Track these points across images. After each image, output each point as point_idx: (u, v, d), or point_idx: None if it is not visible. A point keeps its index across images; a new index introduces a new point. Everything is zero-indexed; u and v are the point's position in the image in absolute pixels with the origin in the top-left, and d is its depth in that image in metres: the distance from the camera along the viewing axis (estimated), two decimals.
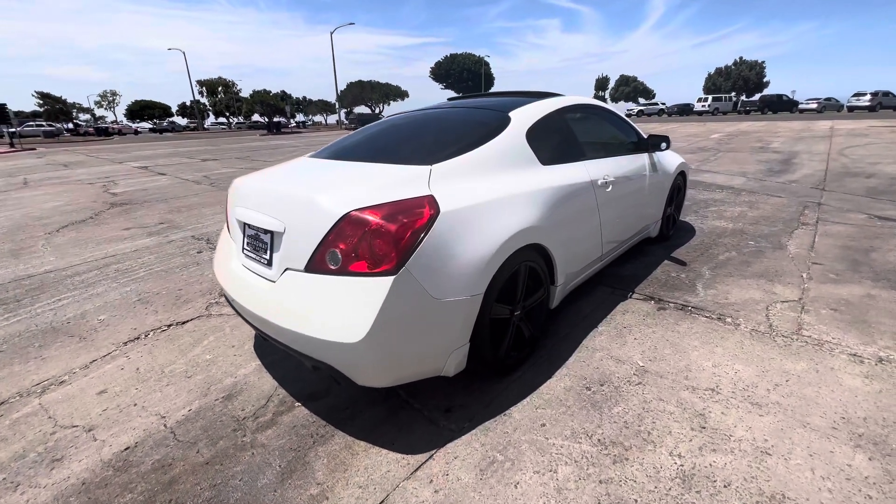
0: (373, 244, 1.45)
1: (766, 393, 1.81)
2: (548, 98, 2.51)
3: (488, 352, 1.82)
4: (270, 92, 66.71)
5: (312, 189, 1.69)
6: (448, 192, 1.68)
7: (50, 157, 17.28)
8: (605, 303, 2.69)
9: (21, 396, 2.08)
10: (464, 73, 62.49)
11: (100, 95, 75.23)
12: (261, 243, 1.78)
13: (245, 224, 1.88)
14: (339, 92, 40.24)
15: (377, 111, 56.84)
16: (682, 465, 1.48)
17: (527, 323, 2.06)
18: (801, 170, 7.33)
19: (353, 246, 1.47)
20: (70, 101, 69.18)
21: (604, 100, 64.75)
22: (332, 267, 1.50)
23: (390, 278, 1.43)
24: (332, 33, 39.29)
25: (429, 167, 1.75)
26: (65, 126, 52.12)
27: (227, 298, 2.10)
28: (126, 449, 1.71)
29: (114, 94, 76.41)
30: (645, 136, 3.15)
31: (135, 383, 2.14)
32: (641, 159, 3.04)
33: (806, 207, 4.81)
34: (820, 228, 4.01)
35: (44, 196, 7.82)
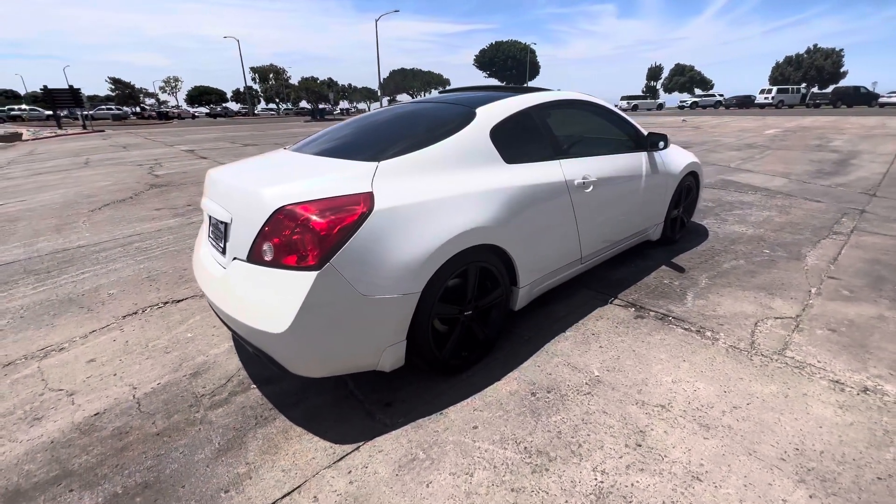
0: (301, 239, 1.49)
1: (719, 415, 1.70)
2: (529, 93, 2.43)
3: (430, 351, 1.83)
4: (318, 79, 68.56)
5: (259, 183, 1.75)
6: (392, 189, 1.69)
7: (114, 139, 18.74)
8: (583, 307, 2.61)
9: (26, 359, 2.33)
10: (508, 60, 61.21)
11: (164, 81, 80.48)
12: (219, 232, 1.87)
13: (209, 214, 1.98)
14: (381, 80, 40.69)
15: (418, 99, 56.89)
16: (601, 482, 1.43)
17: (480, 324, 2.05)
18: (855, 172, 6.66)
19: (284, 239, 1.52)
20: (138, 86, 74.47)
21: (654, 90, 61.35)
22: (267, 259, 1.56)
23: (314, 273, 1.47)
24: (376, 21, 39.64)
25: (376, 164, 1.76)
26: (132, 110, 56.23)
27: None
28: (95, 414, 1.88)
29: (176, 80, 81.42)
30: (644, 134, 2.98)
31: (121, 354, 2.33)
32: (636, 158, 2.88)
33: (845, 215, 4.38)
34: (852, 239, 3.65)
35: (97, 176, 8.53)
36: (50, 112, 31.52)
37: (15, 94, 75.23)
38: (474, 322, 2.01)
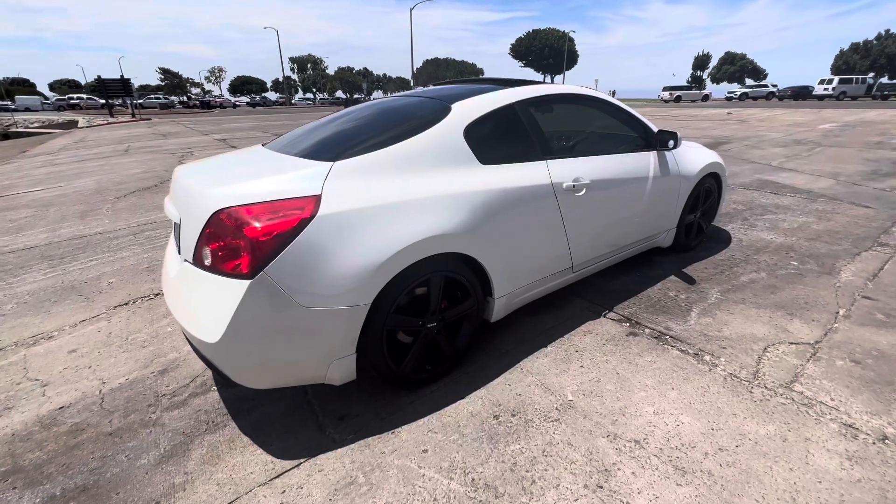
0: (236, 244, 1.40)
1: (700, 457, 1.50)
2: (518, 87, 2.23)
3: (386, 365, 1.72)
4: (353, 69, 69.28)
5: (207, 183, 1.67)
6: (344, 191, 1.57)
7: (157, 128, 19.64)
8: (572, 319, 2.42)
9: (15, 346, 2.40)
10: (545, 49, 59.43)
11: (209, 71, 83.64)
12: (176, 232, 1.82)
13: (167, 212, 1.94)
14: (414, 70, 40.55)
15: None
16: None
17: (448, 337, 1.91)
18: None
19: (220, 244, 1.44)
20: (185, 76, 77.88)
21: (700, 80, 57.91)
22: (207, 263, 1.49)
23: (246, 282, 1.38)
24: (411, 10, 39.36)
25: (330, 164, 1.64)
26: (178, 99, 58.88)
27: None
28: (60, 408, 1.90)
29: (220, 70, 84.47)
30: (654, 132, 2.71)
31: (101, 346, 2.36)
32: (642, 158, 2.62)
33: None
34: None
35: (132, 163, 8.92)
36: (104, 101, 33.46)
37: (76, 84, 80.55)
38: (441, 335, 1.87)
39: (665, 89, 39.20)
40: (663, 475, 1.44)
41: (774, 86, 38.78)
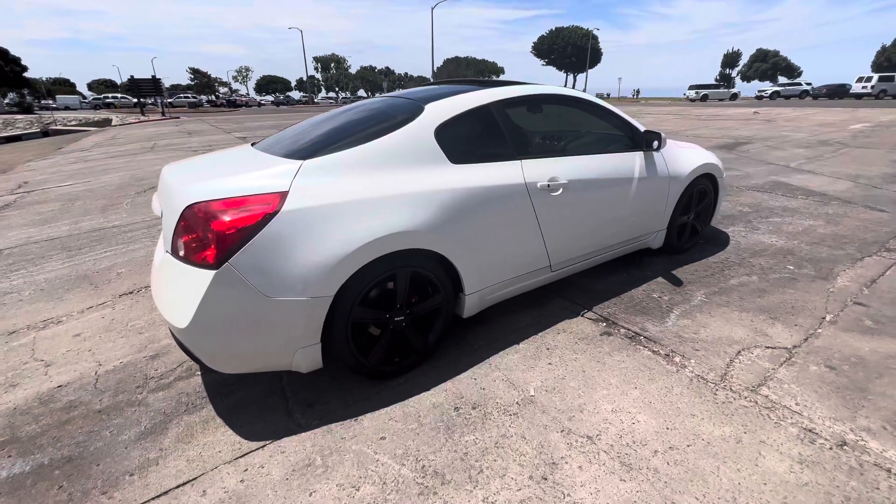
0: (203, 237, 1.50)
1: (649, 455, 1.52)
2: (497, 87, 2.27)
3: (351, 356, 1.79)
4: (375, 68, 69.96)
5: (185, 179, 1.78)
6: (312, 188, 1.65)
7: (184, 126, 20.36)
8: (550, 318, 2.44)
9: (27, 329, 2.59)
10: (568, 47, 58.61)
11: (236, 71, 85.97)
12: (161, 224, 1.94)
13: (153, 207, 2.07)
14: (434, 69, 40.68)
15: None
16: None
17: (417, 330, 1.97)
18: None
19: (190, 236, 1.54)
20: (214, 75, 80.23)
21: (729, 78, 55.97)
22: (181, 254, 1.59)
23: (212, 272, 1.47)
24: (432, 8, 39.47)
25: (300, 162, 1.73)
26: (206, 98, 60.75)
27: None
28: (59, 387, 2.05)
29: (247, 69, 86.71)
30: (641, 132, 2.69)
31: (102, 332, 2.52)
32: (627, 159, 2.61)
33: None
34: None
35: (157, 160, 9.31)
36: (136, 100, 34.81)
37: (112, 84, 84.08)
38: (409, 329, 1.94)
39: (691, 88, 38.08)
40: (609, 470, 1.46)
41: (808, 84, 37.16)
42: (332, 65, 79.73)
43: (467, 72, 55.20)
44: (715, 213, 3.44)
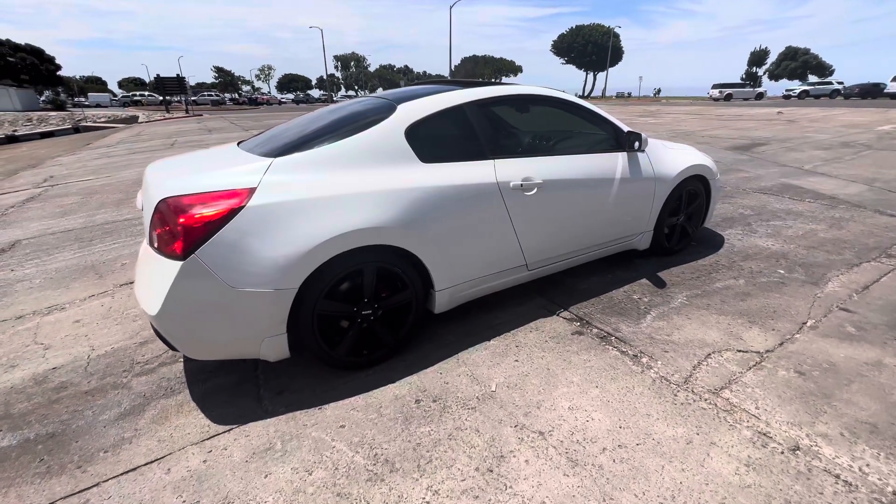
0: (172, 230, 1.59)
1: (597, 452, 1.54)
2: (474, 88, 2.31)
3: (318, 346, 1.86)
4: (394, 67, 70.36)
5: (162, 176, 1.88)
6: (280, 185, 1.73)
7: (205, 123, 20.93)
8: (525, 316, 2.47)
9: (33, 314, 2.75)
10: (588, 46, 57.76)
11: (259, 70, 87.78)
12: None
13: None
14: (452, 67, 40.70)
15: None
16: (427, 502, 1.38)
17: (385, 325, 2.03)
18: None
19: (162, 229, 1.63)
20: (237, 74, 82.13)
21: (755, 77, 54.17)
22: (155, 245, 1.69)
23: (179, 263, 1.56)
24: (451, 7, 39.46)
25: (271, 160, 1.80)
26: (229, 96, 62.21)
27: None
28: (53, 368, 2.18)
29: (269, 68, 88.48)
30: (624, 133, 2.68)
31: (100, 318, 2.66)
32: (607, 160, 2.61)
33: None
34: None
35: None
36: (162, 98, 35.91)
37: (141, 82, 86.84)
38: (378, 322, 1.99)
39: (715, 87, 37.05)
40: (555, 465, 1.49)
41: (840, 83, 35.70)
42: (352, 63, 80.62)
43: (485, 70, 55.03)
44: (708, 215, 3.39)
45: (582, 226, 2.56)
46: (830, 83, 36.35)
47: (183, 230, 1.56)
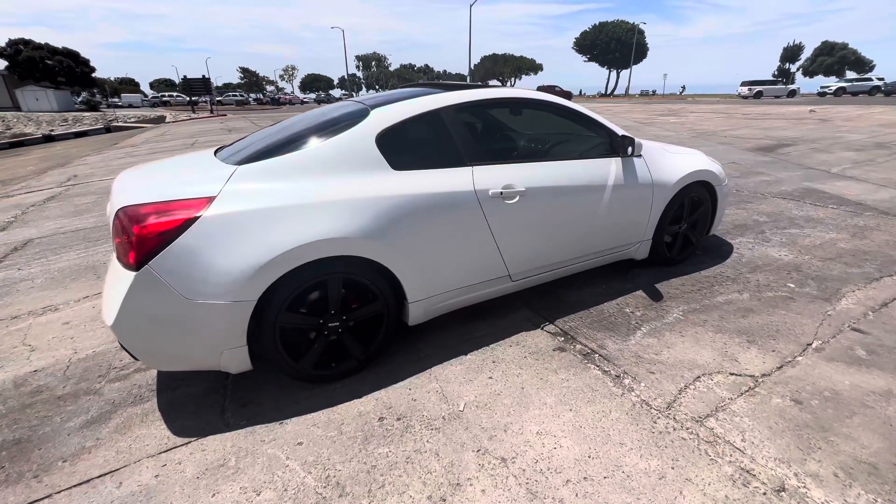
0: (127, 240, 1.56)
1: (560, 484, 1.43)
2: (455, 91, 2.21)
3: (281, 359, 1.81)
4: (414, 66, 70.55)
5: (126, 184, 1.85)
6: (241, 193, 1.68)
7: (227, 123, 21.42)
8: (508, 329, 2.36)
9: (28, 315, 2.81)
10: (612, 43, 56.50)
11: (283, 70, 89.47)
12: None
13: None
14: (471, 66, 40.51)
15: (508, 85, 55.80)
16: None
17: (354, 337, 1.97)
18: None
19: (120, 239, 1.61)
20: (262, 74, 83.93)
21: (788, 73, 51.82)
22: (115, 255, 1.67)
23: (133, 274, 1.53)
24: (471, 6, 39.28)
25: (235, 167, 1.76)
26: (253, 96, 63.63)
27: None
28: (34, 371, 2.21)
29: (293, 68, 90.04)
30: (619, 137, 2.53)
31: (88, 321, 2.69)
32: (599, 166, 2.47)
33: None
34: None
35: None
36: (188, 98, 36.99)
37: (171, 83, 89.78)
38: (346, 335, 1.93)
39: (744, 84, 35.64)
40: (512, 497, 1.40)
41: (881, 79, 33.81)
42: (373, 63, 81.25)
43: (504, 69, 54.50)
44: (714, 223, 3.21)
45: (571, 235, 2.44)
46: (870, 79, 34.49)
47: (137, 240, 1.53)
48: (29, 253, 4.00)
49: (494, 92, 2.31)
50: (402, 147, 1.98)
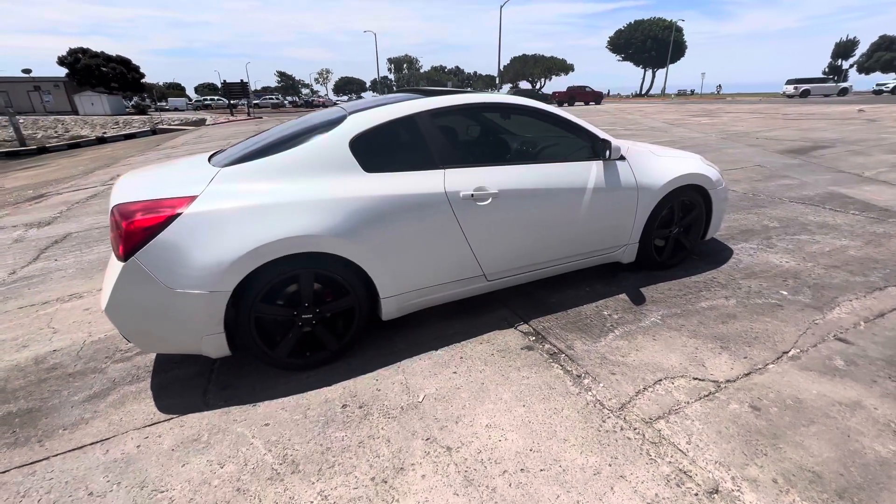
0: (118, 234, 1.75)
1: (497, 473, 1.50)
2: (430, 97, 2.30)
3: (257, 347, 1.96)
4: (445, 68, 70.98)
5: (128, 185, 2.04)
6: (222, 193, 1.84)
7: (262, 125, 22.30)
8: (481, 327, 2.43)
9: (56, 301, 3.11)
10: (647, 41, 54.84)
11: (318, 73, 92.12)
12: None
13: None
14: (500, 67, 40.36)
15: (538, 87, 55.09)
16: None
17: (328, 329, 2.09)
18: None
19: (114, 233, 1.80)
20: (298, 78, 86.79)
21: (839, 70, 48.60)
22: (112, 248, 1.87)
23: (121, 264, 1.72)
24: (501, 7, 39.15)
25: (218, 169, 1.93)
26: (290, 99, 65.90)
27: None
28: (53, 351, 2.47)
29: (328, 72, 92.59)
30: (600, 140, 2.54)
31: None
32: (578, 169, 2.49)
33: None
34: None
35: None
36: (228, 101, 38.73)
37: (214, 87, 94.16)
38: (320, 326, 2.06)
39: (789, 82, 33.77)
40: (449, 483, 1.47)
41: None
42: (405, 65, 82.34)
43: (534, 69, 53.97)
44: (710, 227, 3.14)
45: (548, 238, 2.48)
46: None
47: (124, 234, 1.71)
48: (66, 245, 4.39)
49: (472, 97, 2.39)
50: (376, 151, 2.09)
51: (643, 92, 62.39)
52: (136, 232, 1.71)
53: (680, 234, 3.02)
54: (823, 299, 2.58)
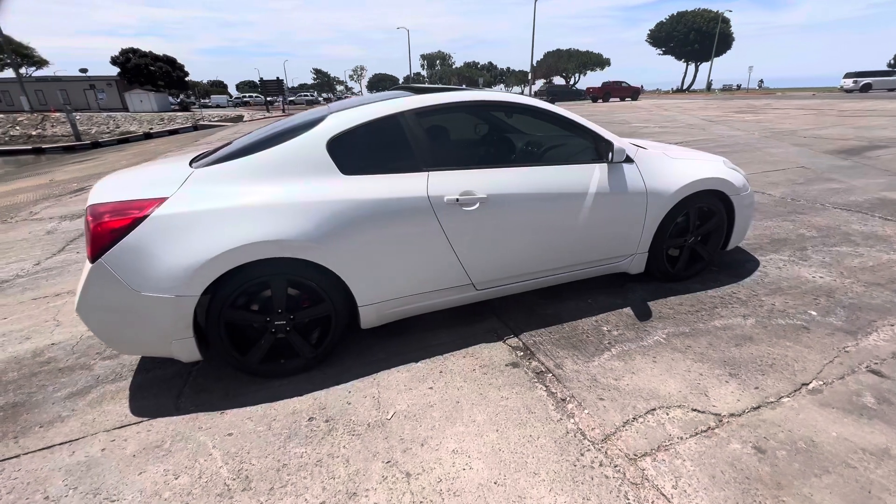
0: (88, 235, 1.73)
1: None
2: (424, 94, 2.18)
3: (228, 353, 1.91)
4: (478, 64, 70.41)
5: (105, 187, 2.02)
6: (192, 195, 1.80)
7: None
8: (468, 338, 2.30)
9: (67, 293, 3.22)
10: (690, 34, 52.15)
11: (353, 70, 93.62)
12: None
13: None
14: (533, 62, 39.55)
15: (572, 82, 53.59)
16: None
17: (302, 336, 2.02)
18: None
19: (86, 234, 1.79)
20: (333, 75, 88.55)
21: None
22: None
23: (90, 265, 1.70)
24: (535, 1, 38.33)
25: (191, 170, 1.89)
26: (324, 95, 67.32)
27: None
28: (52, 344, 2.53)
29: (362, 69, 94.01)
30: (605, 141, 2.34)
31: None
32: (577, 172, 2.30)
33: None
34: None
35: None
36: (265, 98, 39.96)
37: (253, 84, 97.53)
38: (293, 334, 1.99)
39: (848, 76, 31.24)
40: None
41: None
42: (438, 61, 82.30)
43: (568, 64, 52.47)
44: (733, 236, 2.86)
45: (543, 246, 2.31)
46: None
47: (93, 236, 1.70)
48: None
49: (463, 95, 2.24)
50: (355, 152, 2.00)
51: (685, 87, 59.55)
52: (103, 234, 1.69)
53: (697, 244, 2.77)
54: (859, 322, 2.28)
